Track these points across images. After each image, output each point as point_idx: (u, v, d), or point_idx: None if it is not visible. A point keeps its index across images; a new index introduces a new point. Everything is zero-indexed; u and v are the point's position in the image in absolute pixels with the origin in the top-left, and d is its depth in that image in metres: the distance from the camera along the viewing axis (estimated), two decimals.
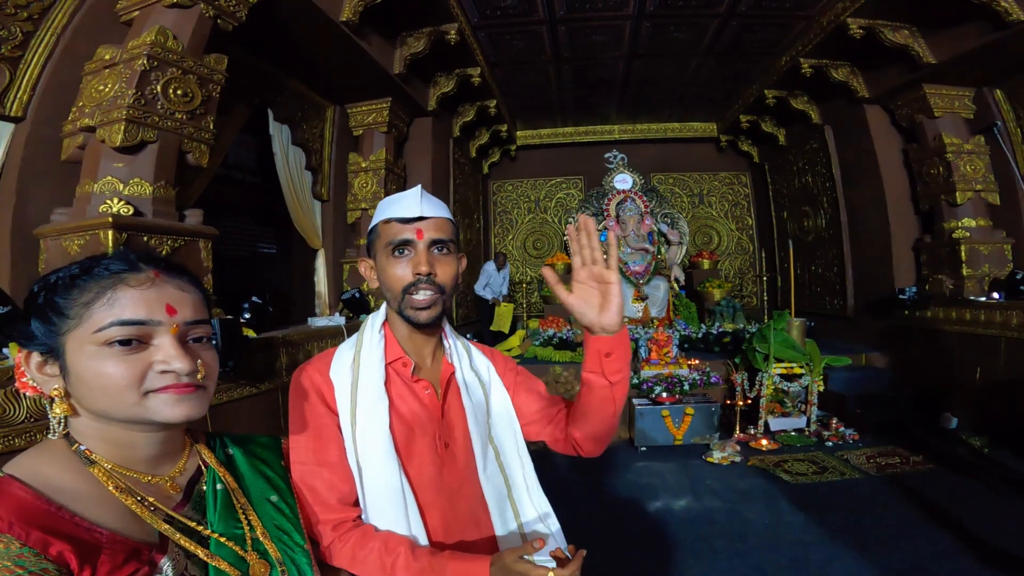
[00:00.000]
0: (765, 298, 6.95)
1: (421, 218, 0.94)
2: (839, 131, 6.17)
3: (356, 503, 0.93)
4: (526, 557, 0.80)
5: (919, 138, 5.16)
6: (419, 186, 0.98)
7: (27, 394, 0.71)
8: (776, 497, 3.06)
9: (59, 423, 0.70)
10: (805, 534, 2.62)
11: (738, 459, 3.73)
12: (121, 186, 2.74)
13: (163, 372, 0.67)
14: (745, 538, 2.60)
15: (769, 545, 2.53)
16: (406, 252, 0.94)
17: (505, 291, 7.25)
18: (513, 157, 8.77)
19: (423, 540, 0.91)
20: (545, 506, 1.06)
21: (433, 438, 0.97)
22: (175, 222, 2.93)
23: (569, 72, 6.30)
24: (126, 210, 2.66)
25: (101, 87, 2.76)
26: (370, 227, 1.01)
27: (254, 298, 3.86)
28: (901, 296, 5.09)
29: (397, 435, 0.94)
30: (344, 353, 1.00)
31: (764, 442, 4.04)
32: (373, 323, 1.03)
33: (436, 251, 0.96)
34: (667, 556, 2.51)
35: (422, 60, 4.90)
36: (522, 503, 1.05)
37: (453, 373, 1.03)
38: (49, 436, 0.71)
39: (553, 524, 1.05)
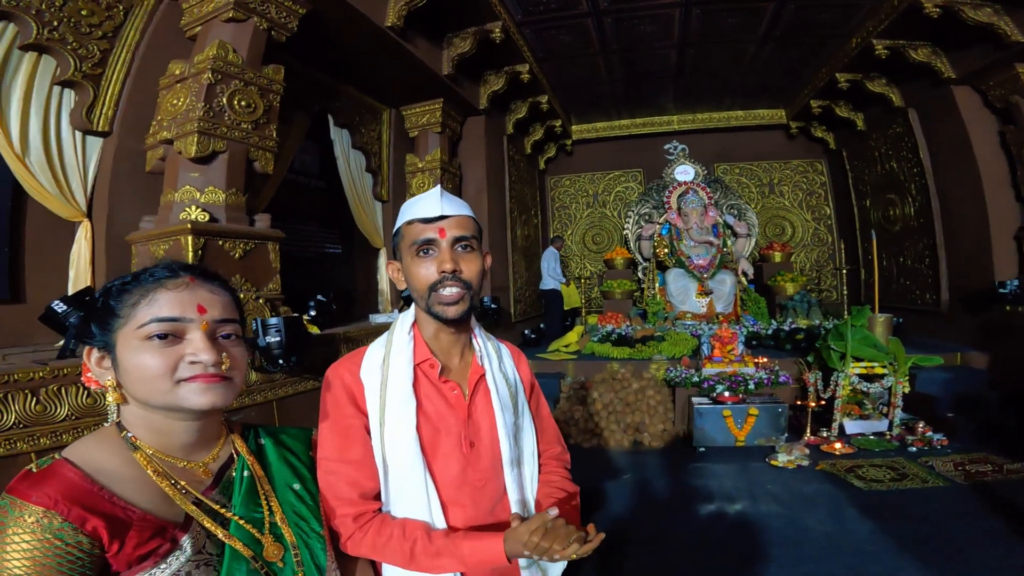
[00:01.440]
0: (845, 292, 6.45)
1: (442, 217, 0.96)
2: (925, 114, 5.65)
3: (377, 497, 0.96)
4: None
5: (1016, 120, 4.64)
6: (438, 186, 1.00)
7: (92, 387, 0.82)
8: (843, 504, 2.85)
9: (113, 411, 0.80)
10: (870, 544, 2.43)
11: (806, 463, 3.50)
12: (198, 194, 2.97)
13: (192, 363, 0.74)
14: (801, 546, 2.44)
15: (827, 554, 2.37)
16: (430, 251, 0.96)
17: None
18: (569, 152, 8.70)
19: None
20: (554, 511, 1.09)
21: (459, 438, 0.99)
22: (246, 227, 3.14)
23: (619, 64, 6.17)
24: (202, 217, 2.88)
25: (175, 101, 3.00)
26: (394, 231, 1.04)
27: (319, 296, 4.09)
28: (1001, 290, 4.59)
29: (423, 435, 0.97)
30: (374, 353, 1.03)
31: (838, 446, 3.78)
32: (403, 324, 1.05)
33: (460, 248, 0.97)
34: (713, 561, 2.41)
35: (470, 60, 4.95)
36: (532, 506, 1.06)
37: (483, 375, 1.05)
38: (105, 424, 0.81)
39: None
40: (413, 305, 1.06)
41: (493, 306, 5.54)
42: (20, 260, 2.85)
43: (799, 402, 4.29)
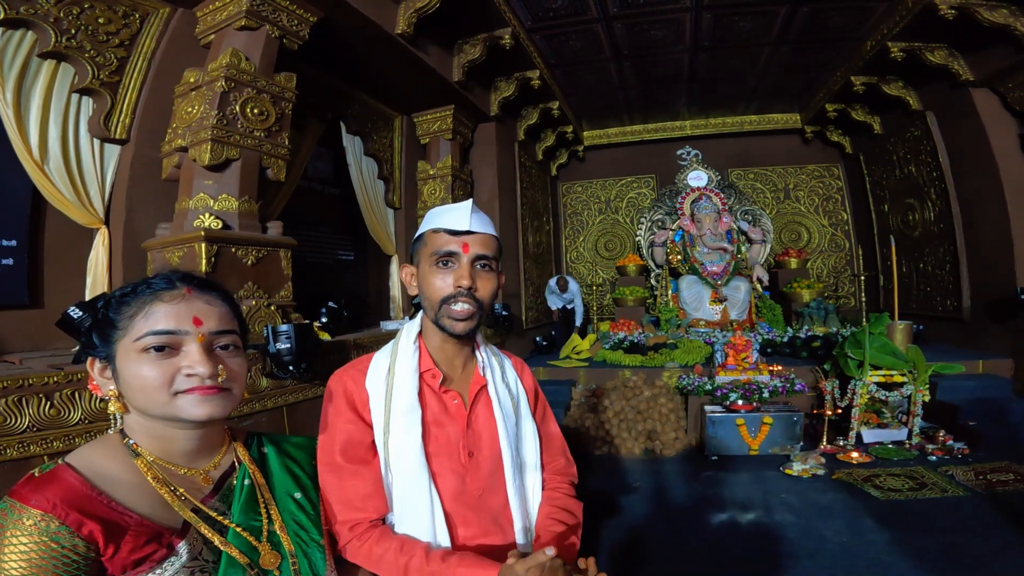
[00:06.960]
0: (864, 299, 6.34)
1: (469, 232, 0.96)
2: (943, 117, 5.55)
3: (376, 506, 0.95)
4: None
5: None
6: (470, 200, 1.01)
7: (97, 395, 0.83)
8: (860, 514, 2.79)
9: (115, 420, 0.81)
10: (887, 554, 2.36)
11: (821, 472, 3.43)
12: (212, 202, 3.01)
13: (189, 375, 0.75)
14: (816, 556, 2.39)
15: (843, 565, 2.31)
16: (450, 264, 0.97)
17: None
18: (581, 158, 8.69)
19: (446, 545, 0.93)
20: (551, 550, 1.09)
21: (457, 448, 0.99)
22: (258, 234, 3.17)
23: (631, 69, 6.16)
24: (216, 224, 2.92)
25: (189, 109, 3.04)
26: (417, 235, 1.04)
27: (330, 303, 4.12)
28: None
29: (426, 444, 0.97)
30: (380, 362, 1.03)
31: (855, 455, 3.69)
32: (408, 334, 1.05)
33: (479, 267, 0.98)
34: (726, 570, 2.36)
35: (480, 66, 4.97)
36: (535, 516, 1.05)
37: (484, 386, 1.05)
38: (108, 431, 0.82)
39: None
40: (420, 315, 1.06)
41: (504, 313, 5.53)
42: (39, 266, 2.91)
43: (815, 411, 4.21)
